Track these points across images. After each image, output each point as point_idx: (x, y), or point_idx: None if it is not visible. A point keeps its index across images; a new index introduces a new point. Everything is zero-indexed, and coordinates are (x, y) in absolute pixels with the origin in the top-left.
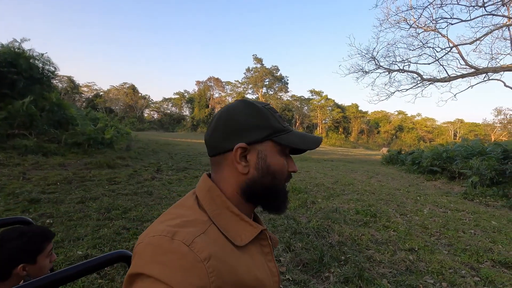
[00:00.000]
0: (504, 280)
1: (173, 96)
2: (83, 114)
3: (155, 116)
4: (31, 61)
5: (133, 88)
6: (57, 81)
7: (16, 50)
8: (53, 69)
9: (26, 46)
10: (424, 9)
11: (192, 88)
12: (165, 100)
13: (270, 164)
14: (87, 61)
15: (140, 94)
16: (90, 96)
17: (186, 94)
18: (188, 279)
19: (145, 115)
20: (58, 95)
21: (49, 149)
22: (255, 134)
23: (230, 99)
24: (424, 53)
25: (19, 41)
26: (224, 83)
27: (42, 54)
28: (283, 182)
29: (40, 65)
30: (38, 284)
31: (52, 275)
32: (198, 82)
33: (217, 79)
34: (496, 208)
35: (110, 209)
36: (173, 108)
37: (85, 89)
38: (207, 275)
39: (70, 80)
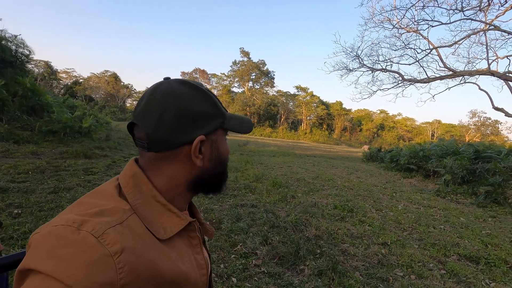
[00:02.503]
0: (468, 273)
1: None
2: (60, 101)
3: None
4: (2, 42)
5: (115, 77)
6: (32, 65)
7: None
8: (28, 53)
9: None
10: (407, 10)
11: None
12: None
13: (222, 152)
14: (66, 47)
15: (122, 83)
16: (69, 83)
17: None
18: (89, 276)
19: (128, 105)
20: (32, 80)
21: (21, 136)
22: (211, 124)
23: (216, 92)
24: (406, 54)
25: None
26: (210, 76)
27: (16, 36)
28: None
29: (13, 47)
30: None
31: None
32: (183, 73)
33: (203, 71)
34: (465, 205)
35: None
36: None
37: (63, 75)
38: (116, 271)
39: (47, 65)
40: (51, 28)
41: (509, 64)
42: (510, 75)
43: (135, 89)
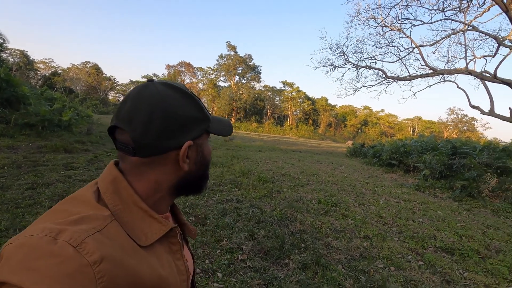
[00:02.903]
0: (443, 264)
1: (141, 79)
2: (38, 93)
3: (121, 99)
4: None
5: (96, 68)
6: (6, 54)
7: None
8: (1, 41)
9: None
10: (391, 8)
11: (161, 72)
12: (132, 82)
13: (206, 155)
14: (45, 35)
15: (104, 75)
16: (47, 74)
17: (155, 78)
18: (67, 287)
19: (110, 97)
20: (7, 71)
21: None
22: (198, 128)
23: (201, 86)
24: (389, 52)
25: None
26: (195, 69)
27: None
28: None
29: None
30: None
31: None
32: (168, 66)
33: (189, 64)
34: (442, 199)
35: (65, 196)
36: None
37: (41, 65)
38: (95, 281)
39: (24, 54)
40: (27, 15)
41: (485, 64)
42: (486, 74)
43: (117, 81)
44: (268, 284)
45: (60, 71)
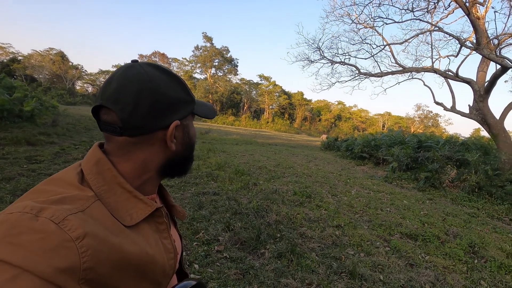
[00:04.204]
0: (408, 249)
1: (112, 69)
2: None
3: (90, 89)
4: None
5: (61, 56)
6: None
7: None
8: None
9: None
10: (365, 6)
11: None
12: (102, 72)
13: (192, 136)
14: (1, 18)
15: (71, 63)
16: (5, 60)
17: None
18: (49, 261)
19: (77, 87)
20: None
21: None
22: (185, 109)
23: None
24: (363, 48)
25: None
26: (170, 60)
27: None
28: None
29: None
30: None
31: None
32: (141, 56)
33: (163, 54)
34: (408, 189)
35: None
36: None
37: None
38: (78, 255)
39: None
40: None
41: (449, 63)
42: (449, 73)
43: (85, 70)
44: (244, 274)
45: (20, 58)
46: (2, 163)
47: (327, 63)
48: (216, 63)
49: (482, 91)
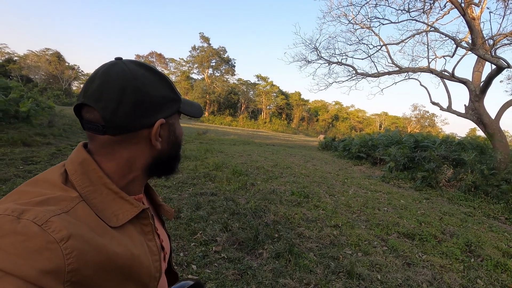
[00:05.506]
0: (405, 248)
1: None
2: None
3: None
4: None
5: (58, 56)
6: None
7: None
8: None
9: None
10: (361, 7)
11: None
12: None
13: (178, 135)
14: None
15: (67, 64)
16: (1, 61)
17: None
18: (33, 263)
19: (74, 88)
20: None
21: None
22: (170, 107)
23: (174, 78)
24: (359, 49)
25: None
26: (167, 60)
27: None
28: None
29: None
30: None
31: None
32: (138, 56)
33: (160, 55)
34: (405, 189)
35: None
36: None
37: None
38: (63, 257)
39: None
40: None
41: (445, 64)
42: (445, 73)
43: (82, 71)
44: (242, 274)
45: (15, 58)
46: None
47: (324, 63)
48: (213, 64)
49: (478, 91)
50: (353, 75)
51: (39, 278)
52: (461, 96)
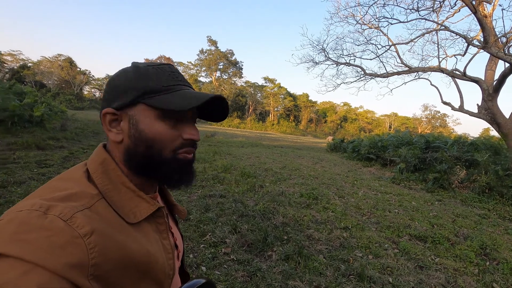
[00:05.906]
0: (417, 251)
1: None
2: (5, 87)
3: (97, 94)
4: None
5: (70, 61)
6: None
7: None
8: None
9: None
10: (369, 7)
11: None
12: (108, 77)
13: (143, 131)
14: (11, 25)
15: (79, 69)
16: (16, 67)
17: None
18: (59, 257)
19: (85, 92)
20: None
21: None
22: (123, 97)
23: None
24: (368, 49)
25: None
26: (176, 64)
27: None
28: (169, 151)
29: None
30: None
31: None
32: (146, 60)
33: (169, 58)
34: (416, 190)
35: None
36: None
37: (8, 58)
38: (87, 252)
39: None
40: None
41: (456, 63)
42: (456, 72)
43: (93, 75)
44: (252, 276)
45: (30, 64)
46: (13, 167)
47: (332, 64)
48: (221, 66)
49: (491, 90)
50: (361, 76)
51: (66, 271)
52: (473, 96)
